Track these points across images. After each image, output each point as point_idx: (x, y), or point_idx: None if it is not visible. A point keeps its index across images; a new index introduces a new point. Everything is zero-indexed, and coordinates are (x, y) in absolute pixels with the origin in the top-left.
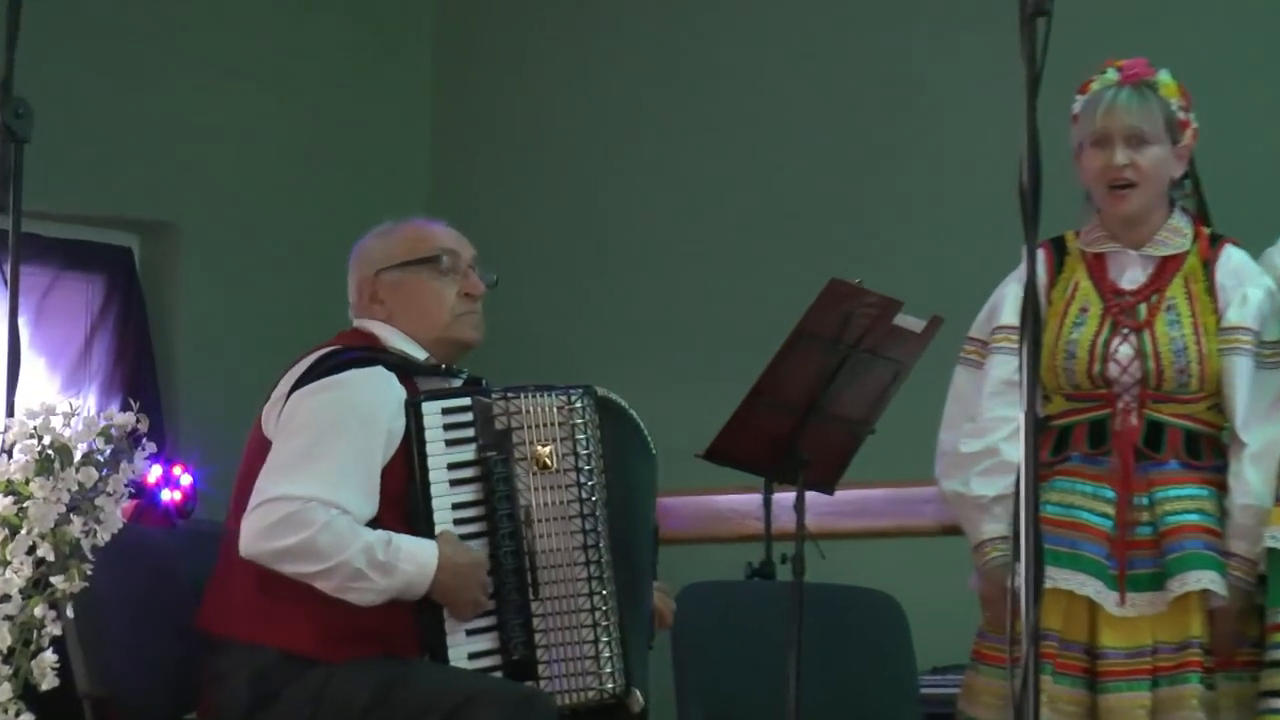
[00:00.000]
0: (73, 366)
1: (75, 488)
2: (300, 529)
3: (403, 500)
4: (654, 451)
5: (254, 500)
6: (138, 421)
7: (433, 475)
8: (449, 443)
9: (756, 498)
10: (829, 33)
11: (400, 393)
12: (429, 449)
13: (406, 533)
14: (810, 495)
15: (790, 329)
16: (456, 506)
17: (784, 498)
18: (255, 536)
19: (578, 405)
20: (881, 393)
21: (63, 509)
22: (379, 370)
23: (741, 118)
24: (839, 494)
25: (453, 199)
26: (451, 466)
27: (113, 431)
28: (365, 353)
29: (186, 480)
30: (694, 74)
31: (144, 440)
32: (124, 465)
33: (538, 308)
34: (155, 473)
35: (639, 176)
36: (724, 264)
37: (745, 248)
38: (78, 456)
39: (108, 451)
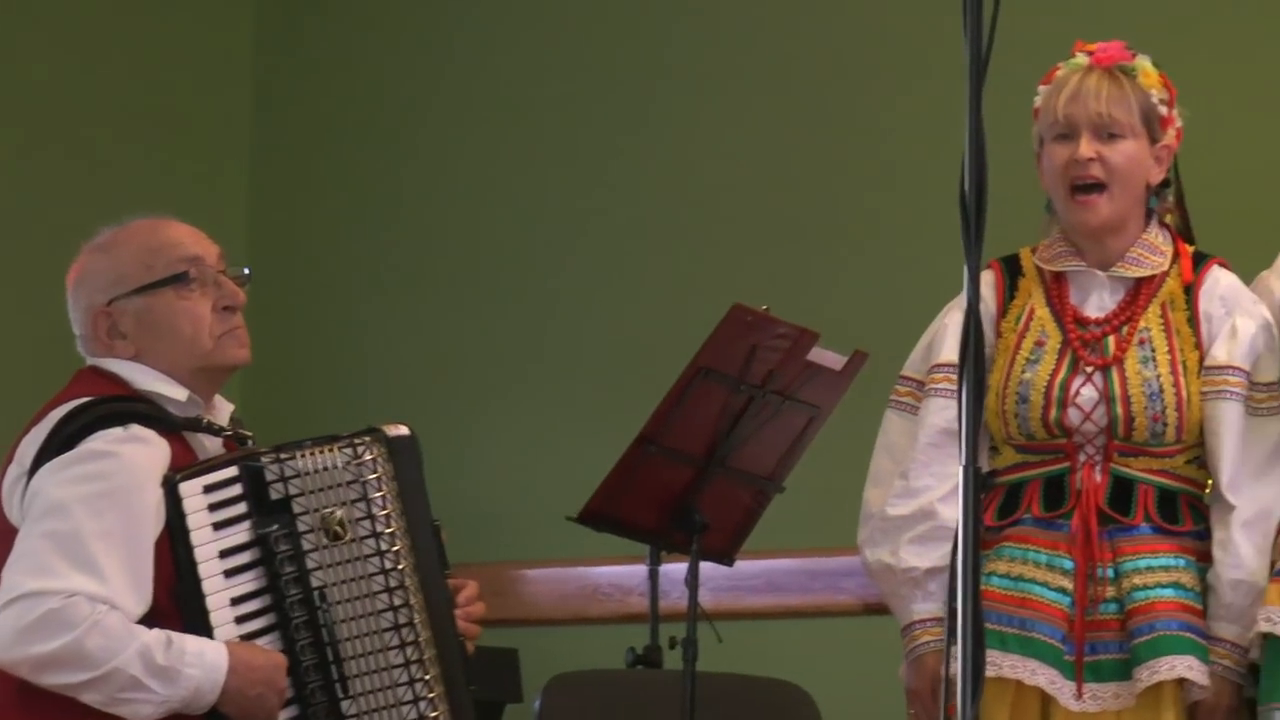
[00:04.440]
0: None
1: None
2: (63, 630)
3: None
4: None
5: (2, 597)
6: None
7: (203, 569)
8: (218, 525)
9: (641, 569)
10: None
11: (164, 453)
12: (194, 537)
13: (184, 629)
14: (706, 567)
15: (685, 363)
16: (237, 601)
17: (674, 569)
18: (9, 642)
19: (366, 457)
20: (793, 443)
21: None
22: (134, 430)
23: (632, 112)
24: (740, 565)
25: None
26: (225, 554)
27: None
28: (115, 406)
29: None
30: (586, 52)
31: None
32: None
33: (373, 330)
34: None
35: (504, 174)
36: (607, 285)
37: (635, 266)
38: None
39: None
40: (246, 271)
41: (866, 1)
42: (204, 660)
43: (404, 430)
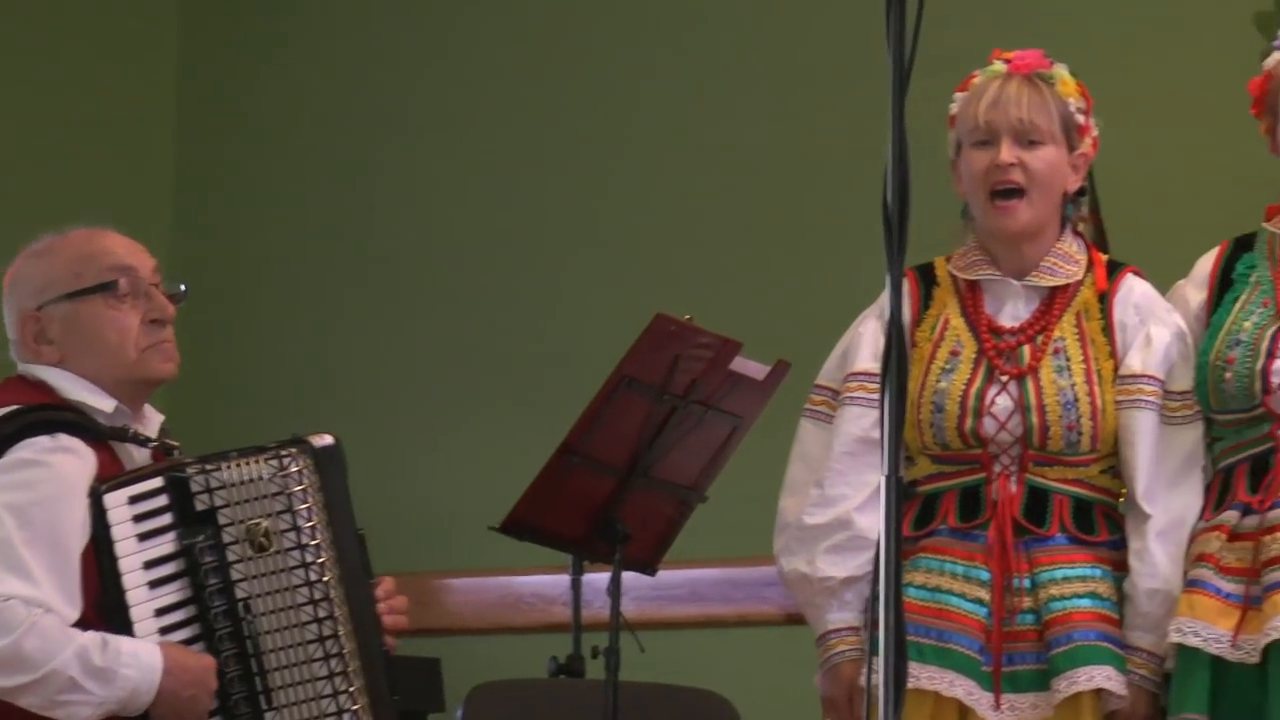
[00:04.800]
0: None
1: None
2: (1, 633)
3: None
4: None
5: None
6: None
7: (127, 579)
8: (142, 536)
9: (564, 579)
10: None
11: (92, 463)
12: (119, 549)
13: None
14: (629, 576)
15: (609, 373)
16: (161, 611)
17: (597, 579)
18: None
19: (292, 469)
20: (716, 453)
21: None
22: (62, 439)
23: (557, 122)
24: (663, 574)
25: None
26: (149, 564)
27: None
28: (42, 415)
29: None
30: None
31: None
32: None
33: (294, 335)
34: None
35: (424, 179)
36: (531, 290)
37: (558, 271)
38: None
39: None
40: (183, 288)
41: (790, 11)
42: (139, 661)
43: (329, 440)
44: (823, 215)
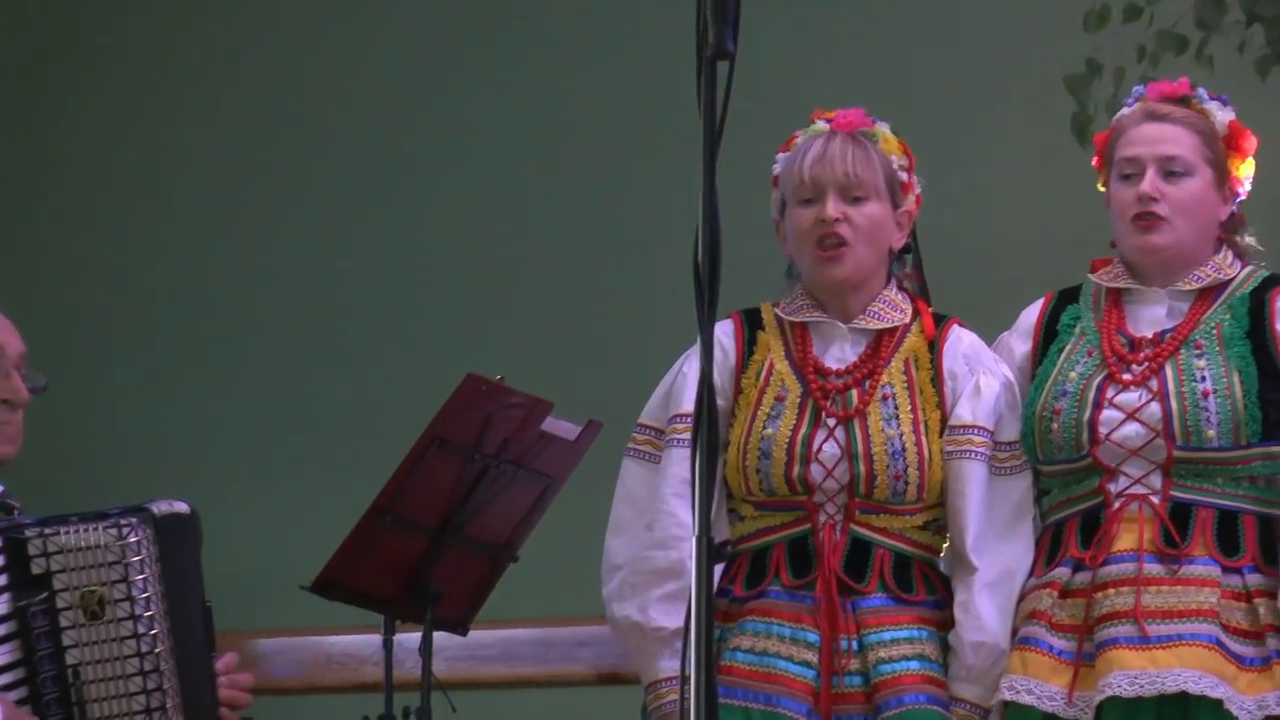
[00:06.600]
0: None
1: None
2: None
3: None
4: None
5: None
6: None
7: None
8: None
9: (375, 639)
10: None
11: None
12: None
13: None
14: (441, 636)
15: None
16: None
17: (409, 639)
18: None
19: (131, 539)
20: (528, 512)
21: None
22: None
23: (363, 182)
24: (475, 634)
25: None
26: None
27: None
28: None
29: None
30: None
31: None
32: None
33: (103, 399)
34: None
35: (232, 242)
36: (343, 350)
37: (371, 333)
38: None
39: None
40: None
41: (599, 71)
42: None
43: (181, 509)
44: (640, 272)
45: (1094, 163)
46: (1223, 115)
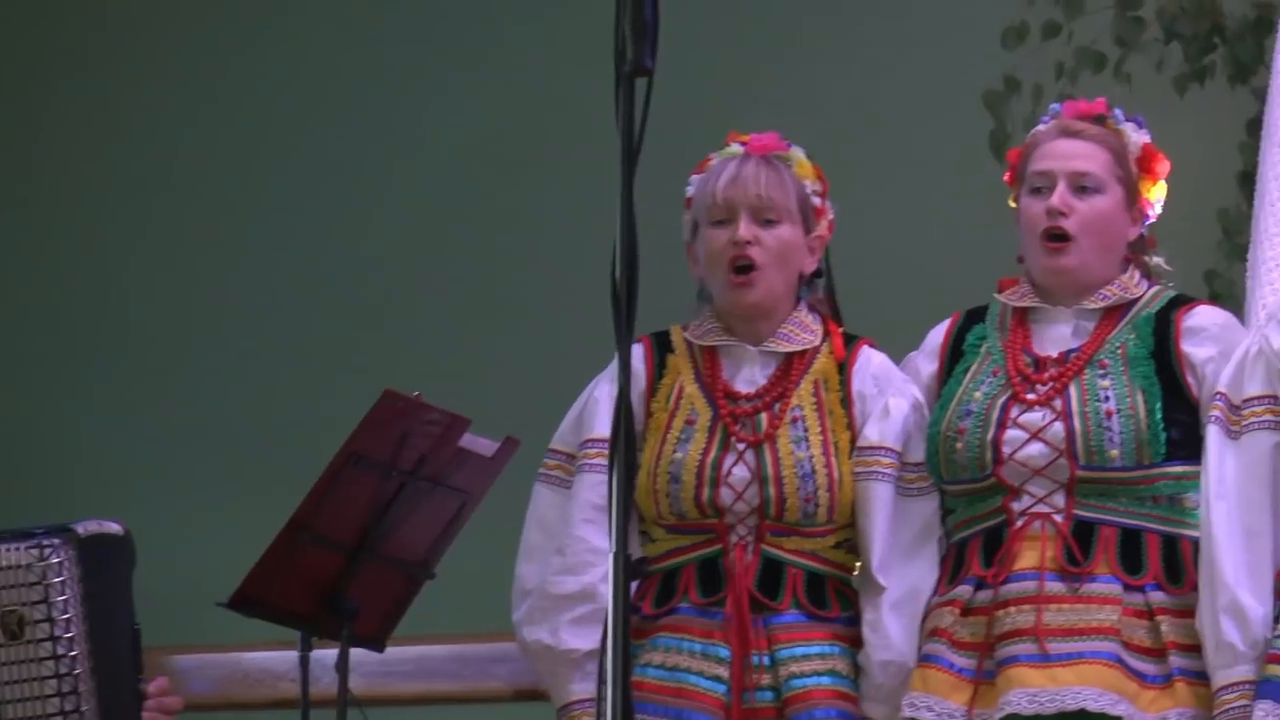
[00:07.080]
0: None
1: None
2: None
3: None
4: None
5: None
6: None
7: None
8: None
9: (291, 655)
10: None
11: None
12: None
13: None
14: (357, 653)
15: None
16: None
17: (325, 655)
18: None
19: (53, 560)
20: (444, 529)
21: None
22: None
23: (286, 195)
24: (391, 651)
25: None
26: None
27: None
28: None
29: None
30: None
31: None
32: None
33: (23, 411)
34: None
35: (161, 256)
36: (259, 365)
37: (286, 346)
38: None
39: None
40: None
41: (517, 89)
42: None
43: (111, 529)
44: (553, 291)
45: (1005, 178)
46: (1137, 137)
